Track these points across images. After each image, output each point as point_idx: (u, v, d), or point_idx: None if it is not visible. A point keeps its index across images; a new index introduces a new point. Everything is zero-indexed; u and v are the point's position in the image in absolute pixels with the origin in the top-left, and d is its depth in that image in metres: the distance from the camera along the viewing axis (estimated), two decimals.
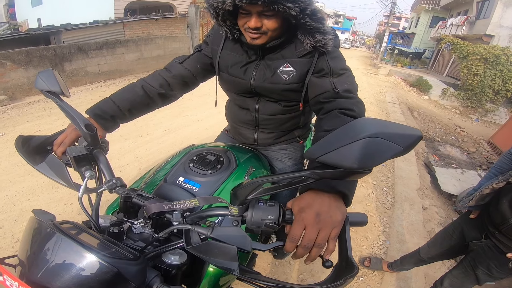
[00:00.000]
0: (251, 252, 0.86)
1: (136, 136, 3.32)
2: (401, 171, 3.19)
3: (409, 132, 0.35)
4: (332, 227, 0.49)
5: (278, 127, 1.08)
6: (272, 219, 0.49)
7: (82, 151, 0.64)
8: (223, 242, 0.47)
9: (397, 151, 0.35)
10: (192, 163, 0.87)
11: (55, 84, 0.67)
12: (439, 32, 16.09)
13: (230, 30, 0.87)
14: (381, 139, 0.34)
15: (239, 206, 0.49)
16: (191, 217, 0.56)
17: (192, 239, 0.49)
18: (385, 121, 0.37)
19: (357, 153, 0.35)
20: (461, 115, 8.22)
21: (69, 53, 5.38)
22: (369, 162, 0.35)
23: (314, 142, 0.79)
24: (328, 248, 0.49)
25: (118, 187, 0.62)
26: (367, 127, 0.36)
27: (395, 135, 0.35)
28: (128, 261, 0.45)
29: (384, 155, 0.35)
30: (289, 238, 0.49)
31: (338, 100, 0.77)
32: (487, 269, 1.17)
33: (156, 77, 0.97)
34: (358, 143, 0.35)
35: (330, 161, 0.37)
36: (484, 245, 1.19)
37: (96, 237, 0.50)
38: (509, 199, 1.07)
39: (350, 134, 0.36)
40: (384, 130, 0.35)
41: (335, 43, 0.86)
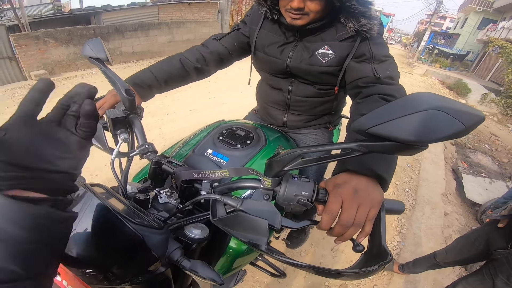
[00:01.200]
0: (279, 231, 0.85)
1: (162, 114, 3.44)
2: (427, 174, 3.08)
3: (473, 111, 0.32)
4: (370, 206, 0.46)
5: (309, 110, 1.07)
6: (306, 196, 0.45)
7: (120, 114, 0.65)
8: (253, 216, 0.45)
9: (459, 128, 0.31)
10: (221, 137, 0.87)
11: (101, 51, 0.70)
12: (488, 35, 15.04)
13: (270, 10, 0.87)
14: (444, 113, 0.31)
15: (273, 178, 0.46)
16: (220, 188, 0.54)
17: (218, 212, 0.48)
18: (445, 97, 0.34)
19: (415, 125, 0.31)
20: (499, 123, 7.61)
21: (107, 33, 5.66)
22: (428, 136, 0.31)
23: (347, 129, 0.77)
24: (364, 229, 0.46)
25: (150, 152, 0.62)
26: (428, 100, 0.33)
27: (458, 112, 0.31)
28: (153, 230, 0.45)
29: (445, 131, 0.31)
30: (326, 213, 0.46)
31: (378, 85, 0.74)
32: (506, 278, 1.16)
33: (193, 52, 1.00)
34: (417, 115, 0.32)
35: (384, 132, 0.33)
36: (509, 255, 1.17)
37: (123, 203, 0.50)
38: None
39: (408, 106, 0.33)
40: (448, 104, 0.32)
41: (380, 30, 0.83)
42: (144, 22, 6.58)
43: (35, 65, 4.73)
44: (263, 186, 0.47)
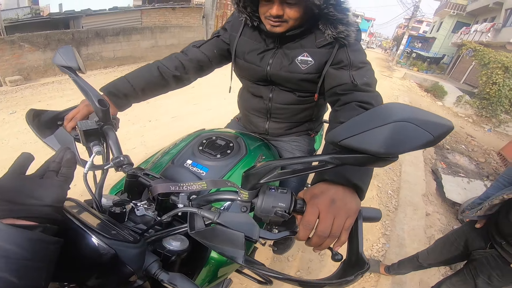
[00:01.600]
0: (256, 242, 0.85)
1: (144, 121, 3.36)
2: (408, 176, 3.17)
3: (441, 121, 0.33)
4: (347, 216, 0.47)
5: (290, 117, 1.07)
6: (283, 207, 0.45)
7: (93, 125, 0.63)
8: (230, 229, 0.45)
9: (428, 139, 0.32)
10: (201, 147, 0.86)
11: (72, 60, 0.67)
12: (462, 38, 15.70)
13: (250, 17, 0.87)
14: (413, 125, 0.32)
15: (250, 191, 0.46)
16: (197, 201, 0.54)
17: (196, 224, 0.47)
18: (415, 107, 0.35)
19: (385, 137, 0.32)
20: (474, 124, 7.99)
21: (87, 38, 5.50)
22: (398, 147, 0.32)
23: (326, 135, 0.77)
24: (339, 239, 0.46)
25: (125, 165, 0.60)
26: (398, 111, 0.33)
27: (427, 122, 0.32)
28: (127, 244, 0.44)
29: (414, 141, 0.32)
30: (303, 225, 0.46)
31: (356, 92, 0.75)
32: (488, 278, 1.17)
33: (172, 60, 0.97)
34: (387, 127, 0.32)
35: (355, 145, 0.34)
36: (488, 255, 1.19)
37: (96, 217, 0.49)
38: None
39: (378, 118, 0.33)
40: (416, 116, 0.32)
41: (357, 36, 0.84)
42: (126, 26, 6.45)
43: (10, 71, 4.52)
44: (240, 198, 0.47)
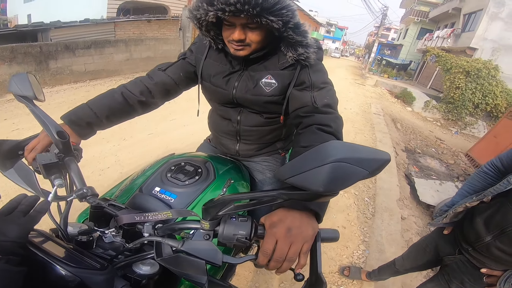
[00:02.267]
0: (224, 265, 0.86)
1: (119, 139, 3.25)
2: (382, 182, 3.27)
3: (376, 156, 0.36)
4: (303, 242, 0.50)
5: (260, 138, 1.08)
6: (244, 235, 0.49)
7: (53, 158, 0.62)
8: (193, 256, 0.47)
9: (363, 175, 0.36)
10: (169, 173, 0.86)
11: (28, 88, 0.65)
12: (426, 44, 16.40)
13: (214, 40, 0.88)
14: (348, 164, 0.35)
15: (211, 221, 0.49)
16: (162, 229, 0.56)
17: (163, 251, 0.50)
18: (353, 144, 0.38)
19: (323, 177, 0.36)
20: (442, 127, 8.48)
21: (56, 51, 5.27)
22: (335, 186, 0.36)
23: (292, 158, 0.80)
24: (299, 262, 0.51)
25: (89, 196, 0.60)
26: (334, 151, 0.36)
27: (361, 160, 0.35)
28: (94, 271, 0.45)
29: (349, 179, 0.36)
30: (261, 252, 0.50)
31: (316, 115, 0.78)
32: (460, 283, 1.18)
33: (137, 84, 0.95)
34: (325, 167, 0.36)
35: (298, 183, 0.38)
36: (458, 260, 1.19)
37: (62, 246, 0.49)
38: (483, 218, 1.07)
39: (318, 158, 0.37)
40: (351, 155, 0.36)
41: (318, 55, 0.87)
42: (99, 39, 6.26)
43: None
44: (202, 228, 0.51)
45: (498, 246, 1.01)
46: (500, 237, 1.00)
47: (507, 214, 0.98)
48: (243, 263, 1.69)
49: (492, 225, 1.03)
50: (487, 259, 1.07)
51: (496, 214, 1.02)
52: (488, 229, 1.04)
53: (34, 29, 5.91)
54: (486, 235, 1.04)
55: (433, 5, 19.61)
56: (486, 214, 1.07)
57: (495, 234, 1.01)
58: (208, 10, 0.71)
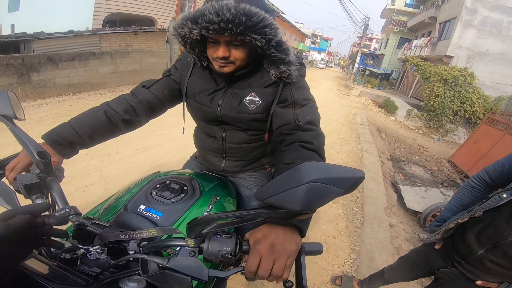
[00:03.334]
0: (213, 281, 0.85)
1: (103, 155, 3.18)
2: (370, 191, 3.32)
3: (351, 175, 0.39)
4: (287, 257, 0.52)
5: (245, 155, 1.08)
6: (228, 251, 0.51)
7: (34, 179, 0.62)
8: (179, 272, 0.48)
9: (337, 193, 0.38)
10: (155, 191, 0.85)
11: (8, 107, 0.65)
12: (405, 53, 16.70)
13: (198, 58, 0.88)
14: (322, 184, 0.38)
15: (195, 239, 0.51)
16: (148, 246, 0.56)
17: (149, 267, 0.50)
18: (329, 165, 0.41)
19: (299, 197, 0.38)
20: (424, 135, 8.75)
21: (38, 63, 5.14)
22: (311, 205, 0.39)
23: (275, 175, 0.81)
24: (282, 276, 0.52)
25: (72, 215, 0.59)
26: (310, 172, 0.39)
27: (336, 179, 0.38)
28: None
29: (324, 198, 0.39)
30: (247, 268, 0.51)
31: (299, 132, 0.79)
32: None
33: (120, 102, 0.94)
34: (301, 187, 0.38)
35: (276, 203, 0.41)
36: (451, 273, 1.18)
37: (45, 263, 0.48)
38: (475, 232, 1.07)
39: (294, 179, 0.39)
40: (326, 175, 0.38)
41: (300, 72, 0.88)
42: (83, 51, 6.17)
43: None
44: (187, 245, 0.52)
45: (491, 259, 1.01)
46: (493, 250, 1.00)
47: (499, 228, 0.98)
48: (234, 277, 1.64)
49: (484, 239, 1.03)
50: (481, 272, 1.07)
51: (488, 228, 1.02)
52: (480, 243, 1.04)
53: (16, 40, 5.78)
54: (478, 248, 1.04)
55: (411, 14, 20.17)
56: (477, 228, 1.07)
57: (487, 247, 1.02)
58: (192, 28, 0.72)
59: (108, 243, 0.56)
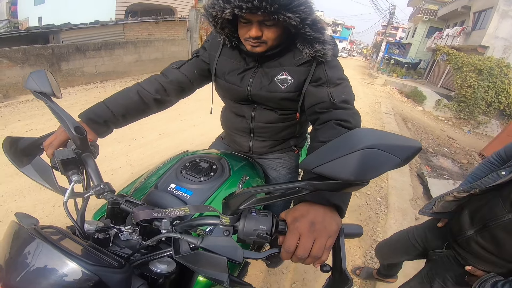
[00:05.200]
0: (241, 264, 0.86)
1: (129, 139, 3.28)
2: (395, 182, 3.21)
3: (408, 143, 0.35)
4: (328, 237, 0.49)
5: (274, 135, 1.07)
6: (264, 230, 0.48)
7: (70, 154, 0.63)
8: (213, 253, 0.46)
9: (395, 163, 0.34)
10: (184, 170, 0.86)
11: (46, 85, 0.66)
12: (435, 43, 16.18)
13: (228, 38, 0.87)
14: (379, 151, 0.33)
15: (231, 216, 0.48)
16: (180, 226, 0.55)
17: (181, 248, 0.49)
18: (383, 131, 0.37)
19: (354, 165, 0.34)
20: (454, 126, 8.32)
21: (67, 53, 5.37)
22: (367, 174, 0.34)
23: (309, 153, 0.78)
24: (320, 258, 0.49)
25: (106, 192, 0.60)
26: (365, 137, 0.35)
27: (393, 147, 0.34)
28: (112, 269, 0.44)
29: (382, 167, 0.34)
30: (284, 248, 0.48)
31: (334, 110, 0.77)
32: (443, 281, 1.11)
33: (152, 82, 0.96)
34: (355, 154, 0.34)
35: (326, 172, 0.36)
36: (444, 256, 1.13)
37: (79, 243, 0.49)
38: (471, 211, 1.03)
39: (347, 145, 0.35)
40: (382, 141, 0.34)
41: (334, 52, 0.86)
42: (108, 41, 6.38)
43: None
44: (222, 223, 0.49)
45: (479, 242, 0.96)
46: (482, 231, 0.96)
47: (494, 208, 0.93)
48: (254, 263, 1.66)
49: (477, 218, 0.98)
50: (470, 256, 1.02)
51: (483, 207, 0.98)
52: (472, 222, 1.00)
53: (45, 31, 6.07)
54: (469, 228, 1.00)
55: (442, 3, 19.32)
56: (474, 207, 1.02)
57: (477, 228, 0.97)
58: (225, 8, 0.70)
59: (140, 222, 0.56)
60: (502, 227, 0.89)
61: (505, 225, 0.88)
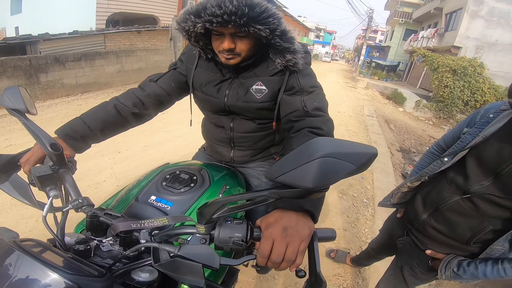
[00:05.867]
0: (224, 270, 0.87)
1: (114, 152, 3.22)
2: (380, 183, 3.28)
3: (363, 150, 0.37)
4: (300, 241, 0.51)
5: (254, 144, 1.08)
6: (239, 237, 0.50)
7: (47, 171, 0.63)
8: (190, 260, 0.47)
9: (351, 169, 0.36)
10: (165, 182, 0.87)
11: (20, 101, 0.66)
12: (411, 45, 16.65)
13: (203, 50, 0.89)
14: (335, 159, 0.36)
15: (206, 225, 0.50)
16: (159, 235, 0.57)
17: (161, 257, 0.50)
18: (340, 140, 0.39)
19: (312, 173, 0.36)
20: (434, 126, 8.64)
21: (45, 64, 5.19)
22: (324, 181, 0.36)
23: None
24: (295, 262, 0.51)
25: (85, 206, 0.61)
26: (321, 147, 0.37)
27: (348, 154, 0.36)
28: (93, 278, 0.45)
29: (338, 174, 0.36)
30: (259, 253, 0.51)
31: (307, 118, 0.79)
32: (410, 268, 1.15)
33: (129, 96, 0.96)
34: (313, 163, 0.36)
35: (288, 181, 0.39)
36: (406, 243, 1.17)
37: (59, 255, 0.49)
38: (422, 195, 1.08)
39: (305, 154, 0.37)
40: (338, 149, 0.36)
41: (306, 60, 0.88)
42: (89, 51, 6.21)
43: None
44: (198, 232, 0.51)
45: (433, 225, 1.01)
46: (434, 214, 1.00)
47: (442, 191, 0.98)
48: (246, 270, 1.65)
49: (428, 202, 1.03)
50: (427, 239, 1.06)
51: (432, 192, 1.03)
52: (425, 206, 1.05)
53: (22, 42, 5.86)
54: (423, 213, 1.05)
55: (416, 5, 19.98)
56: (424, 192, 1.08)
57: (430, 211, 1.02)
58: (196, 22, 0.72)
59: (120, 233, 0.57)
60: (451, 208, 0.95)
61: (453, 207, 0.94)
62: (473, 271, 0.89)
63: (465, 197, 0.91)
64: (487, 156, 0.86)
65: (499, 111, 0.88)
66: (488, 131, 0.86)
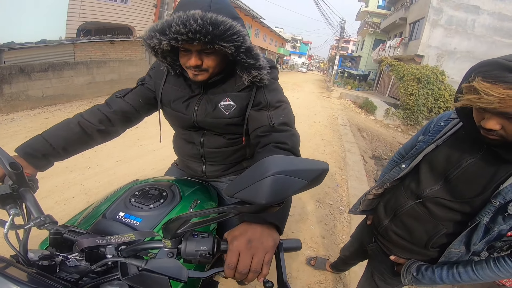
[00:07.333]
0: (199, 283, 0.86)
1: (83, 168, 3.07)
2: (354, 190, 3.39)
3: (314, 166, 0.40)
4: (265, 252, 0.54)
5: (225, 159, 1.09)
6: (206, 250, 0.52)
7: (6, 190, 0.62)
8: (158, 273, 0.48)
9: (302, 185, 0.39)
10: (133, 198, 0.86)
11: None
12: (380, 54, 17.19)
13: (171, 66, 0.89)
14: (286, 176, 0.38)
15: (172, 239, 0.51)
16: (126, 250, 0.58)
17: (129, 271, 0.50)
18: (292, 157, 0.42)
19: (265, 190, 0.38)
20: (403, 133, 9.08)
21: (10, 75, 4.89)
22: (276, 197, 0.39)
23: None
24: (261, 272, 0.53)
25: (47, 223, 0.61)
26: (273, 165, 0.39)
27: (299, 171, 0.39)
28: None
29: (289, 190, 0.39)
30: (226, 265, 0.53)
31: (273, 133, 0.80)
32: (380, 274, 1.17)
33: (94, 113, 0.93)
34: (265, 180, 0.38)
35: (243, 198, 0.41)
36: (375, 249, 1.19)
37: (23, 270, 0.48)
38: (384, 202, 1.12)
39: (259, 172, 0.40)
40: (289, 167, 0.39)
41: (273, 75, 0.90)
42: (57, 61, 5.93)
43: None
44: (164, 246, 0.53)
45: (394, 230, 1.03)
46: (394, 220, 1.04)
47: (399, 197, 1.03)
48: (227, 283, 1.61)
49: (389, 208, 1.08)
50: (390, 245, 1.08)
51: (392, 198, 1.07)
52: (386, 212, 1.09)
53: None
54: (385, 218, 1.08)
55: (384, 16, 20.92)
56: (386, 199, 1.12)
57: (390, 217, 1.06)
58: (161, 39, 0.72)
59: (85, 249, 0.57)
60: (407, 213, 0.99)
61: (409, 211, 0.98)
62: (431, 276, 0.91)
63: (418, 202, 0.95)
64: (438, 162, 0.92)
65: (449, 119, 0.95)
66: (440, 139, 0.93)
